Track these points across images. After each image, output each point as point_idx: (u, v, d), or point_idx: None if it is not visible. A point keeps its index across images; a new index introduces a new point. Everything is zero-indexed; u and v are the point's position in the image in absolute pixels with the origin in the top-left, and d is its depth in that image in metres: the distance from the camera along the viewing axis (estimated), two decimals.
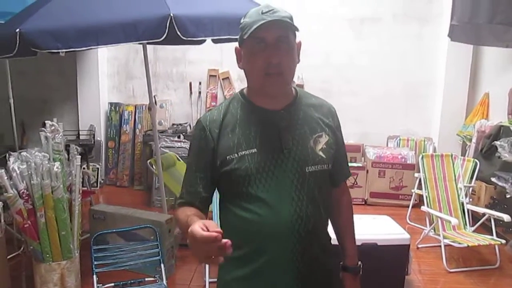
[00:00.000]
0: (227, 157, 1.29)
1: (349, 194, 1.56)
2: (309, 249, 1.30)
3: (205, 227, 1.01)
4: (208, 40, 3.71)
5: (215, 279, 3.40)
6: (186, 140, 5.54)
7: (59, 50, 2.83)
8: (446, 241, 3.70)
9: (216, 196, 1.58)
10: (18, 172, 2.72)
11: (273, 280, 1.30)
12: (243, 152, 1.28)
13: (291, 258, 1.28)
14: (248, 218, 1.28)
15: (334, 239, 1.49)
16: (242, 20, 1.28)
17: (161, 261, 2.84)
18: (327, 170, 1.35)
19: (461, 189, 4.19)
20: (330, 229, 1.47)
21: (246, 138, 1.29)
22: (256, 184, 1.27)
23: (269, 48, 1.24)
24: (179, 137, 5.65)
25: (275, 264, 1.28)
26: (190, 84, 6.21)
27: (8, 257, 3.26)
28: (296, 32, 1.30)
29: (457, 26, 3.50)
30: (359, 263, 1.51)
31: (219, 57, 6.02)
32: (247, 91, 1.38)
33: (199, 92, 6.21)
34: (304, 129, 1.34)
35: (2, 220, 2.98)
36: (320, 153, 1.33)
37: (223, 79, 6.17)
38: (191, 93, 6.24)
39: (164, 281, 2.76)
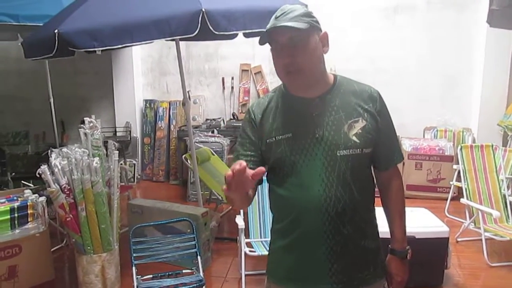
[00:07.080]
0: (267, 141, 1.41)
1: (400, 179, 1.56)
2: (340, 229, 1.37)
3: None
4: (240, 35, 3.73)
5: (251, 272, 3.42)
6: (220, 135, 5.59)
7: (96, 49, 2.92)
8: (487, 234, 3.59)
9: None
10: (59, 167, 2.82)
11: (307, 253, 1.41)
12: (280, 137, 1.39)
13: (322, 235, 1.37)
14: (283, 195, 1.41)
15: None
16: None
17: (198, 253, 2.88)
18: (362, 155, 1.38)
19: (502, 180, 4.04)
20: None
21: (283, 124, 1.40)
22: (290, 165, 1.37)
23: (284, 49, 1.33)
24: (213, 132, 5.70)
25: (308, 239, 1.39)
26: (223, 79, 6.25)
27: (52, 249, 3.40)
28: (318, 25, 1.36)
29: (497, 11, 3.36)
30: (408, 247, 1.54)
31: (251, 51, 6.02)
32: None
33: (232, 87, 6.25)
34: (340, 114, 1.39)
35: (46, 214, 3.09)
36: (354, 138, 1.36)
37: (255, 73, 6.17)
38: (223, 88, 6.28)
39: (201, 273, 2.81)
